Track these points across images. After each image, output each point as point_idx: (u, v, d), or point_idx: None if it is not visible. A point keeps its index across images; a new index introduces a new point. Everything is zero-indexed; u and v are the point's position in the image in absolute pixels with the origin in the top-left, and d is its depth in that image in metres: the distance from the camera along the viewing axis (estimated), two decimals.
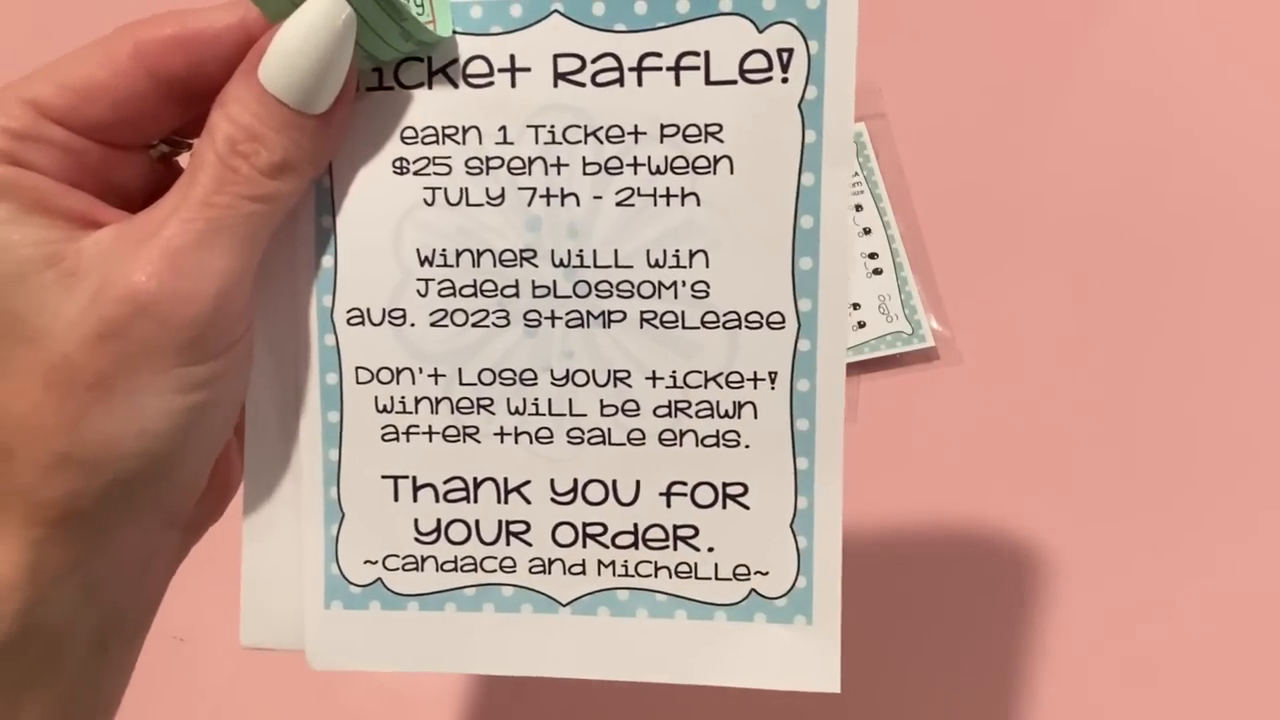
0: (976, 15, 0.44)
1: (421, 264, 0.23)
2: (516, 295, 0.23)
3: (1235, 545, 0.39)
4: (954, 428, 0.40)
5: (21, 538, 0.22)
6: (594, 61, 0.22)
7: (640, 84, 0.22)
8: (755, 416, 0.23)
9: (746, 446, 0.23)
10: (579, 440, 0.24)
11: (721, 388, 0.23)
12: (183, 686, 0.39)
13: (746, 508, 0.23)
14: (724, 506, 0.24)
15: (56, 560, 0.22)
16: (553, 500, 0.24)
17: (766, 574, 0.23)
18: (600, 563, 0.24)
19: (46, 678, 0.23)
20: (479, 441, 0.24)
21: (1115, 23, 0.44)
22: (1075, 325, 0.41)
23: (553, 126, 0.22)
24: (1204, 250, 0.41)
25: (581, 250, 0.23)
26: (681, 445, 0.23)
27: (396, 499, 0.24)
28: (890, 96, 0.42)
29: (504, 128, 0.23)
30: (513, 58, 0.22)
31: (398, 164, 0.23)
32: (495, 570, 0.24)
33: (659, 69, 0.22)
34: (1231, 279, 0.41)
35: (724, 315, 0.23)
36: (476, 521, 0.24)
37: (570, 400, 0.23)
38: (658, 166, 0.22)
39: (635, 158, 0.22)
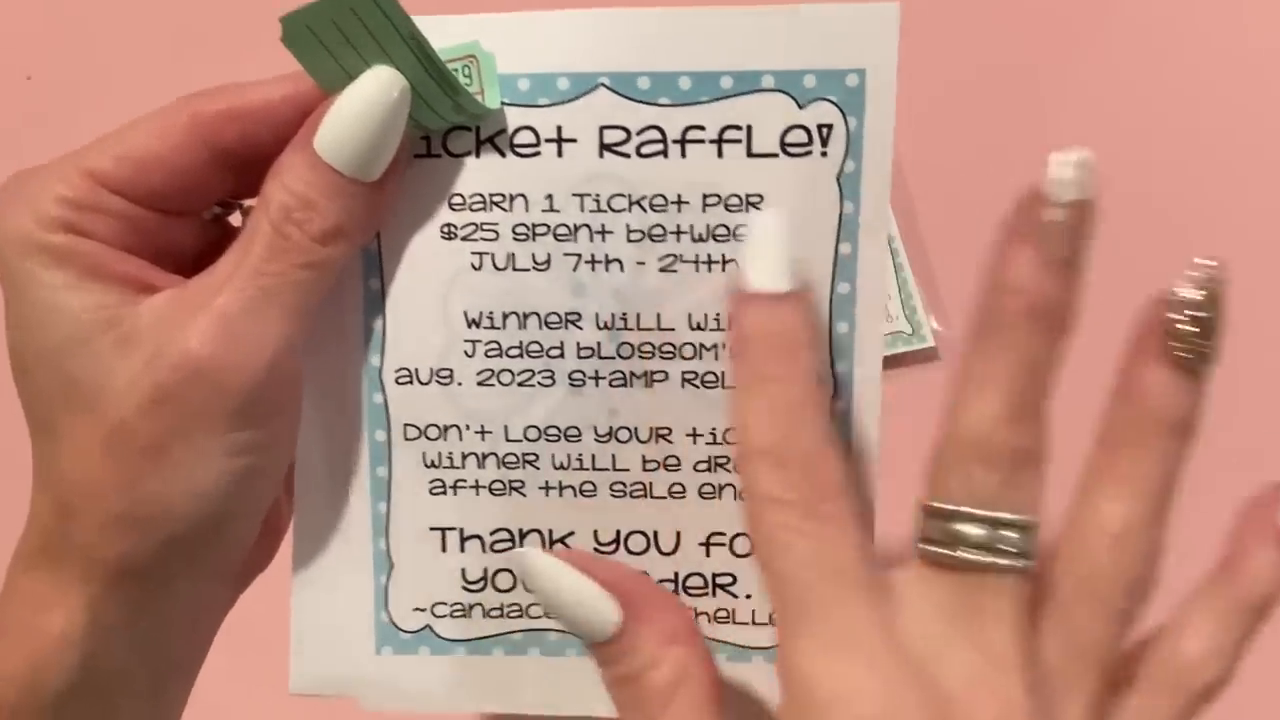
0: (976, 15, 0.44)
1: (469, 326, 0.24)
2: (561, 356, 0.24)
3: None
4: None
5: (82, 593, 0.22)
6: (639, 133, 0.23)
7: (684, 155, 0.23)
8: None
9: None
10: (622, 494, 0.24)
11: None
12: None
13: None
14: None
15: (114, 614, 0.23)
16: (596, 549, 0.25)
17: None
18: None
19: None
20: (525, 495, 0.25)
21: (1116, 23, 0.44)
22: (1076, 324, 0.42)
23: (598, 195, 0.23)
24: (1204, 250, 0.41)
25: (625, 313, 0.24)
26: (720, 498, 0.24)
27: (444, 549, 0.25)
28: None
29: (550, 196, 0.23)
30: (559, 129, 0.23)
31: (446, 230, 0.23)
32: (541, 616, 0.25)
33: (702, 141, 0.23)
34: (1234, 278, 0.42)
35: None
36: None
37: (613, 456, 0.24)
38: (700, 234, 0.23)
39: (678, 225, 0.23)
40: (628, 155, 0.23)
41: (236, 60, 0.23)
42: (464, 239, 0.24)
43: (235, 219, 0.25)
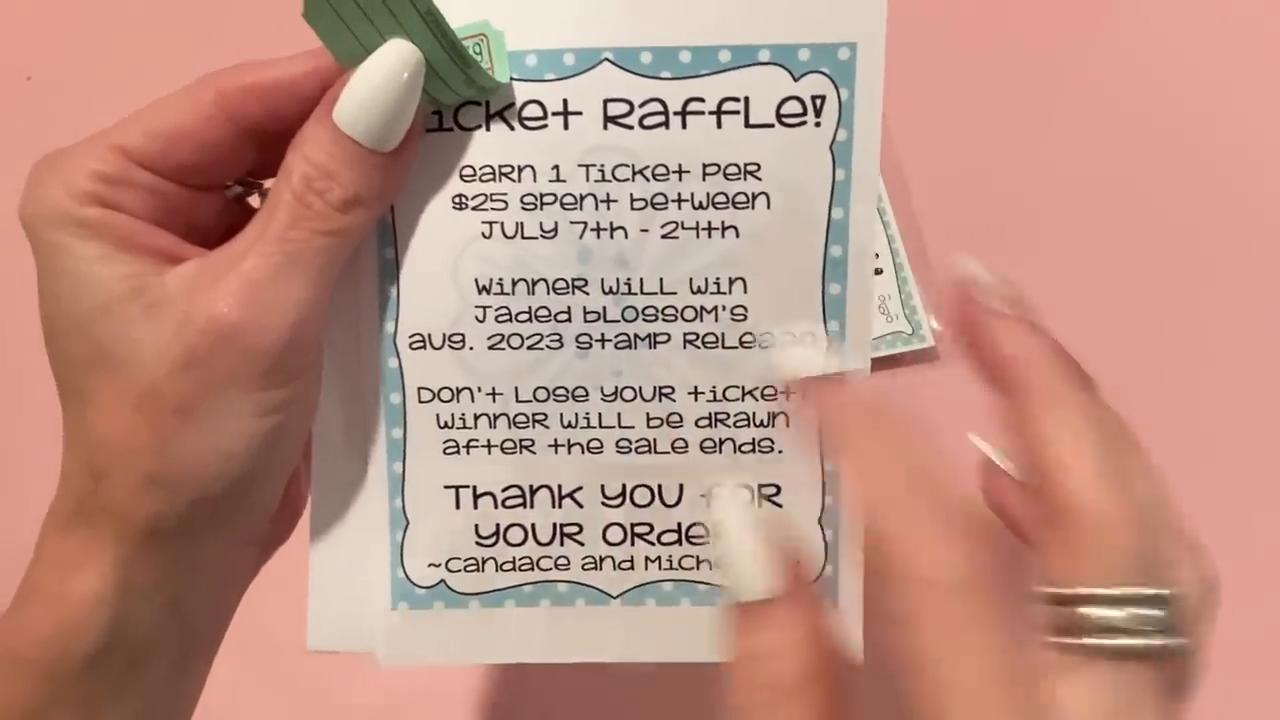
0: (976, 15, 0.45)
1: (480, 292, 0.25)
2: (569, 320, 0.25)
3: (1237, 545, 0.38)
4: (954, 428, 0.41)
5: (112, 555, 0.23)
6: (641, 106, 0.24)
7: (684, 126, 0.24)
8: (788, 426, 0.26)
9: (780, 452, 0.26)
10: (627, 450, 0.26)
11: (757, 400, 0.25)
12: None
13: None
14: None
15: (143, 576, 0.23)
16: (603, 504, 0.26)
17: (797, 564, 0.26)
18: (647, 558, 0.26)
19: (129, 690, 0.24)
20: (534, 453, 0.26)
21: (1115, 23, 0.44)
22: (1074, 325, 0.40)
23: (603, 165, 0.24)
24: (1204, 250, 0.42)
25: (629, 279, 0.25)
26: (721, 452, 0.26)
27: (458, 506, 0.26)
28: (890, 96, 0.43)
29: (557, 167, 0.24)
30: (565, 102, 0.24)
31: (457, 200, 0.25)
32: (551, 569, 0.26)
33: (702, 113, 0.24)
34: (1232, 278, 0.42)
35: (760, 335, 0.25)
36: (533, 525, 0.26)
37: (619, 414, 0.26)
38: (700, 202, 0.24)
39: (679, 194, 0.24)
40: (631, 127, 0.24)
41: (240, 58, 0.24)
42: (474, 209, 0.25)
43: (255, 201, 0.26)
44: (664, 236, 0.25)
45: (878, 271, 0.43)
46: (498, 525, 0.26)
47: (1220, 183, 0.43)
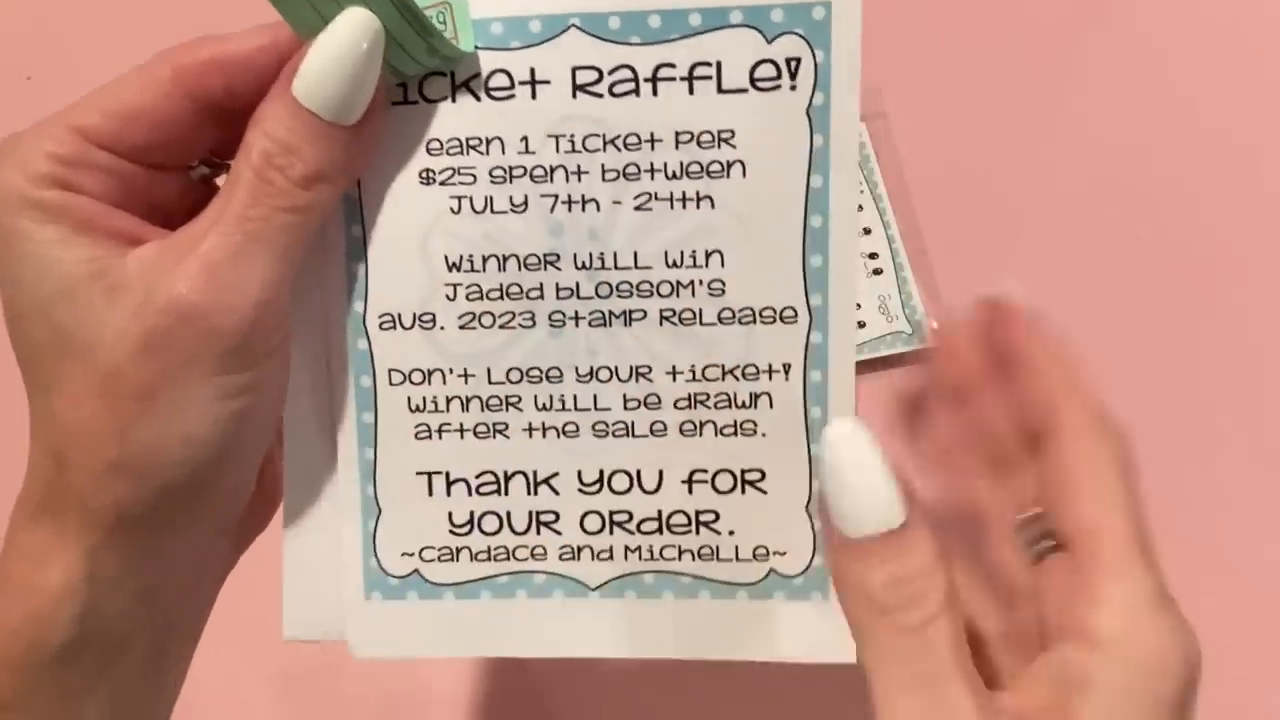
0: (976, 15, 0.45)
1: (449, 270, 0.24)
2: (541, 297, 0.24)
3: (1237, 545, 0.39)
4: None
5: (79, 544, 0.23)
6: (611, 73, 0.23)
7: (655, 94, 0.23)
8: (771, 406, 0.24)
9: (763, 435, 0.25)
10: (604, 433, 0.25)
11: (739, 380, 0.24)
12: (183, 687, 0.39)
13: (764, 492, 0.25)
14: (743, 491, 0.25)
15: (112, 566, 0.23)
16: (580, 490, 0.25)
17: (784, 554, 0.25)
18: (627, 548, 0.25)
19: (103, 683, 0.24)
20: (508, 437, 0.25)
21: (1115, 22, 0.44)
22: (1075, 325, 0.40)
23: (572, 136, 0.24)
24: (1204, 249, 0.42)
25: (603, 253, 0.24)
26: (701, 435, 0.25)
27: (431, 494, 0.25)
28: (890, 96, 0.42)
29: (525, 138, 0.24)
30: (533, 71, 0.23)
31: (424, 175, 0.24)
32: (527, 558, 0.25)
33: (673, 79, 0.23)
34: (1233, 278, 0.41)
35: (739, 311, 0.24)
36: (508, 513, 0.25)
37: (595, 396, 0.25)
38: (674, 172, 0.24)
39: (652, 164, 0.24)
40: (600, 95, 0.23)
41: None
42: (442, 184, 0.24)
43: (221, 181, 0.26)
44: (637, 208, 0.24)
45: (877, 272, 0.42)
46: (471, 513, 0.25)
47: (1223, 183, 0.42)
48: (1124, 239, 0.42)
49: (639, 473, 0.25)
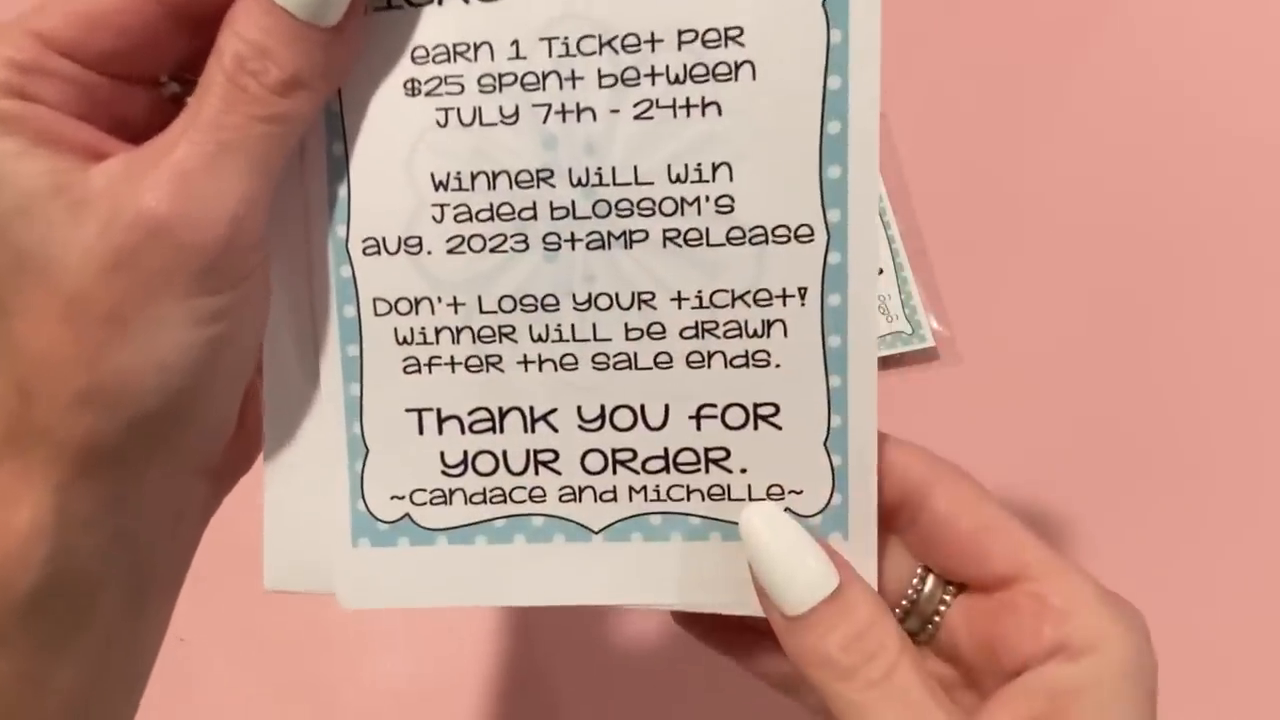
0: (976, 15, 0.44)
1: (436, 189, 0.22)
2: (534, 218, 0.22)
3: (1238, 545, 0.39)
4: (954, 428, 0.39)
5: (47, 481, 0.21)
6: None
7: None
8: (785, 335, 0.22)
9: (777, 366, 0.23)
10: (605, 366, 0.23)
11: (749, 306, 0.22)
12: (183, 686, 0.39)
13: (779, 428, 0.23)
14: (755, 427, 0.23)
15: (84, 504, 0.22)
16: (580, 427, 0.23)
17: (801, 493, 0.23)
18: (631, 488, 0.23)
19: (80, 634, 0.23)
20: (503, 371, 0.23)
21: (1115, 22, 0.43)
22: (1075, 325, 0.41)
23: (566, 39, 0.22)
24: (1205, 249, 0.41)
25: (600, 168, 0.22)
26: (710, 367, 0.23)
27: (421, 432, 0.24)
28: (890, 96, 0.41)
29: (516, 42, 0.22)
30: None
31: (409, 85, 0.22)
32: (525, 500, 0.24)
33: None
34: (1233, 278, 0.41)
35: (750, 230, 0.22)
36: (504, 452, 0.24)
37: (594, 325, 0.23)
38: (676, 76, 0.22)
39: (653, 67, 0.22)
40: None
41: None
42: (428, 94, 0.22)
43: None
44: (637, 118, 0.22)
45: (878, 271, 0.41)
46: (465, 453, 0.24)
47: (1223, 183, 0.42)
48: (1124, 239, 0.42)
49: (643, 408, 0.23)
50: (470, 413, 0.23)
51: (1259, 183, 0.41)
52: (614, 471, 0.23)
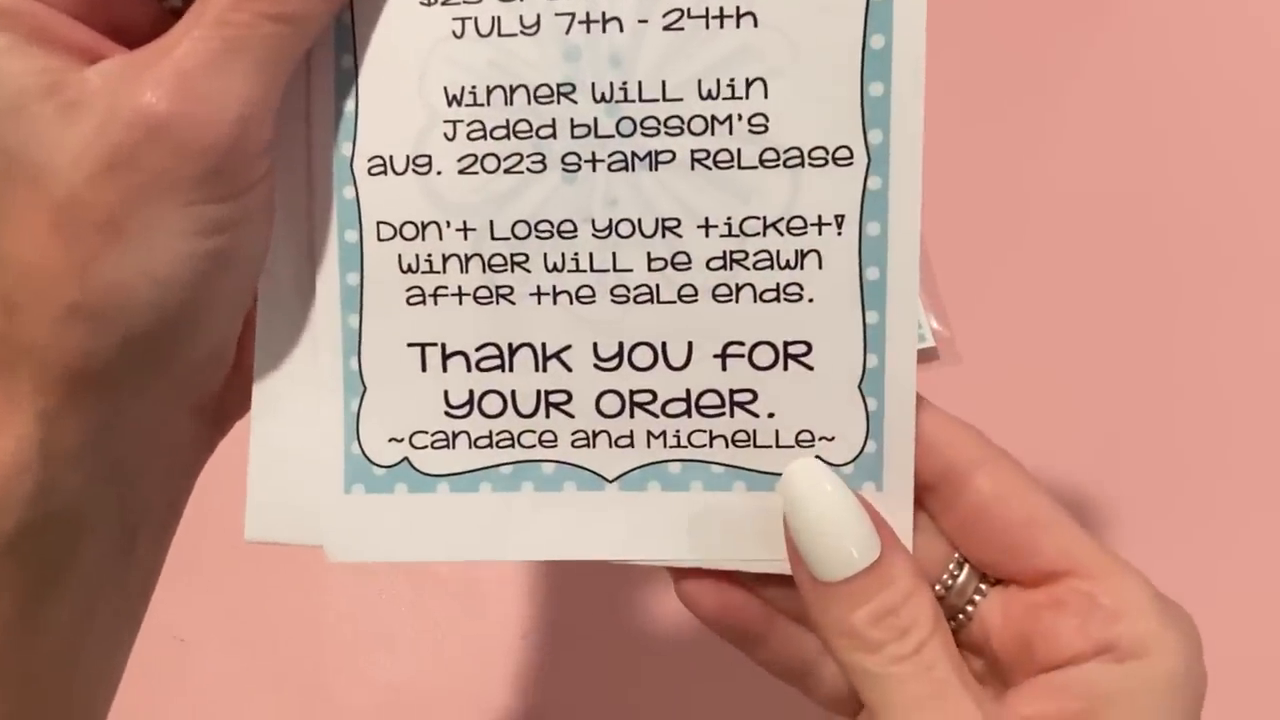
0: (976, 15, 0.44)
1: (449, 104, 0.21)
2: (554, 136, 0.21)
3: (1238, 545, 0.38)
4: None
5: (32, 408, 0.20)
6: None
7: None
8: (820, 266, 0.21)
9: (810, 300, 0.21)
10: (624, 299, 0.21)
11: (782, 235, 0.21)
12: (183, 686, 0.38)
13: (810, 368, 0.21)
14: (785, 368, 0.21)
15: (70, 434, 0.20)
16: (596, 366, 0.22)
17: (833, 439, 0.21)
18: (650, 434, 0.22)
19: (68, 574, 0.21)
20: (514, 303, 0.22)
21: (1116, 23, 0.43)
22: (1075, 325, 0.40)
23: None
24: (1205, 249, 0.41)
25: (625, 82, 0.21)
26: (738, 301, 0.21)
27: (424, 369, 0.22)
28: None
29: None
30: None
31: None
32: (534, 445, 0.22)
33: None
34: (1233, 278, 0.40)
35: (785, 152, 0.21)
36: (513, 392, 0.22)
37: (614, 254, 0.21)
38: None
39: None
40: None
41: None
42: (444, 3, 0.21)
43: None
44: (666, 28, 0.20)
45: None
46: (471, 392, 0.22)
47: (1223, 183, 0.41)
48: (1125, 239, 0.41)
49: (664, 345, 0.21)
50: (477, 349, 0.22)
51: (1260, 183, 0.41)
52: (631, 415, 0.22)
